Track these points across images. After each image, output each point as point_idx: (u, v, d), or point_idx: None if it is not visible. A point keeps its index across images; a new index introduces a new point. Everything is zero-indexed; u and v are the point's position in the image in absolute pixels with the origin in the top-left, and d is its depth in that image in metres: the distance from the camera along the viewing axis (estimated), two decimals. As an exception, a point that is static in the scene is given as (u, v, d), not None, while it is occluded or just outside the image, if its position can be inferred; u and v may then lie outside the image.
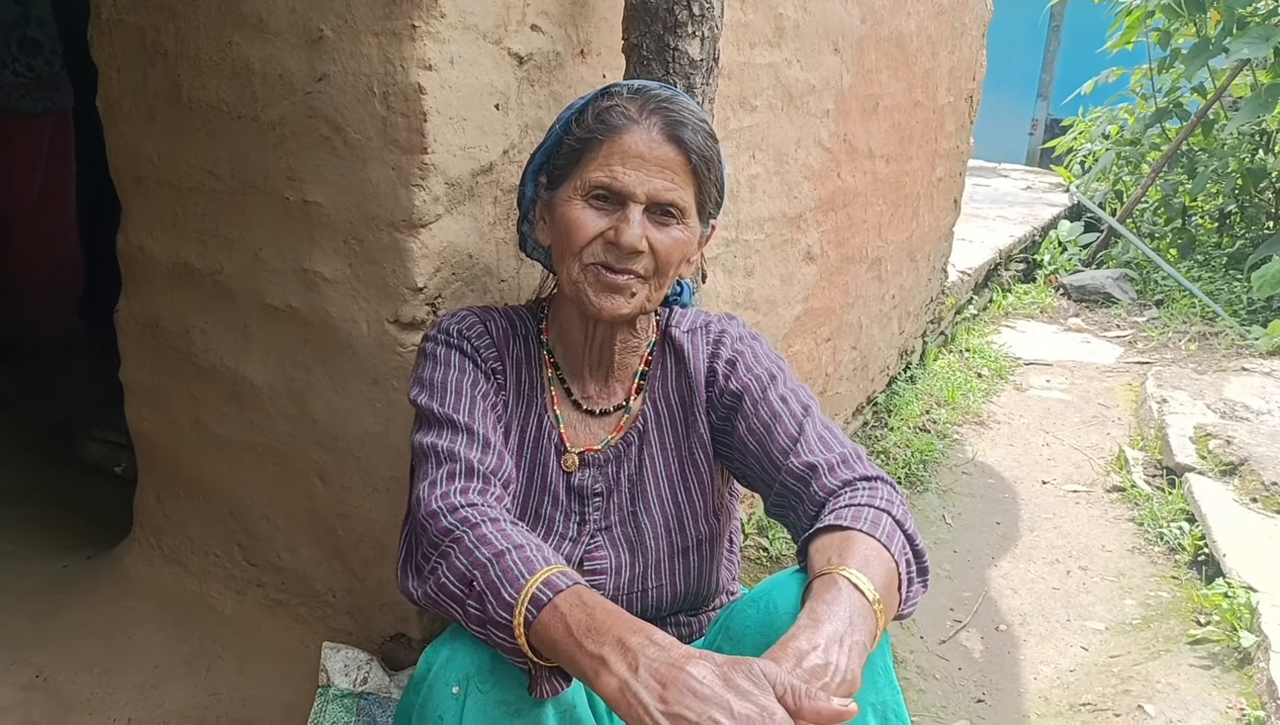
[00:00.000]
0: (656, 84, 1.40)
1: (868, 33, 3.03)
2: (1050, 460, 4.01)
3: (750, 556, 2.88)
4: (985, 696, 2.49)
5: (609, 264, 1.34)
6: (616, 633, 1.03)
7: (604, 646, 1.02)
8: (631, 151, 1.32)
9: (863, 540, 1.19)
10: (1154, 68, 7.20)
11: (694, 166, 1.35)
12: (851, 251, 3.33)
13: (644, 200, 1.32)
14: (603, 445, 1.47)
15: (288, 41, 1.63)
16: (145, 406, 2.14)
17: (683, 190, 1.35)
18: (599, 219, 1.34)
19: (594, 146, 1.34)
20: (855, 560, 1.16)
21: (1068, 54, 10.96)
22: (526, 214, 1.50)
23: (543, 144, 1.44)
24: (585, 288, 1.36)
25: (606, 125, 1.34)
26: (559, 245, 1.38)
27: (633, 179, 1.32)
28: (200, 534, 2.10)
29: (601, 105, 1.36)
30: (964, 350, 5.17)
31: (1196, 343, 5.51)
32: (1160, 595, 2.98)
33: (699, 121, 1.36)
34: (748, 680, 0.98)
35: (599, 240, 1.34)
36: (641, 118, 1.33)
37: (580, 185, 1.34)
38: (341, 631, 1.94)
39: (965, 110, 4.43)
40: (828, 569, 1.15)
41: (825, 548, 1.20)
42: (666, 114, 1.34)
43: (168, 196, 1.90)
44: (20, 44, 3.27)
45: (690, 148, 1.34)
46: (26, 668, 1.98)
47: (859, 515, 1.23)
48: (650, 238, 1.33)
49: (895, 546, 1.21)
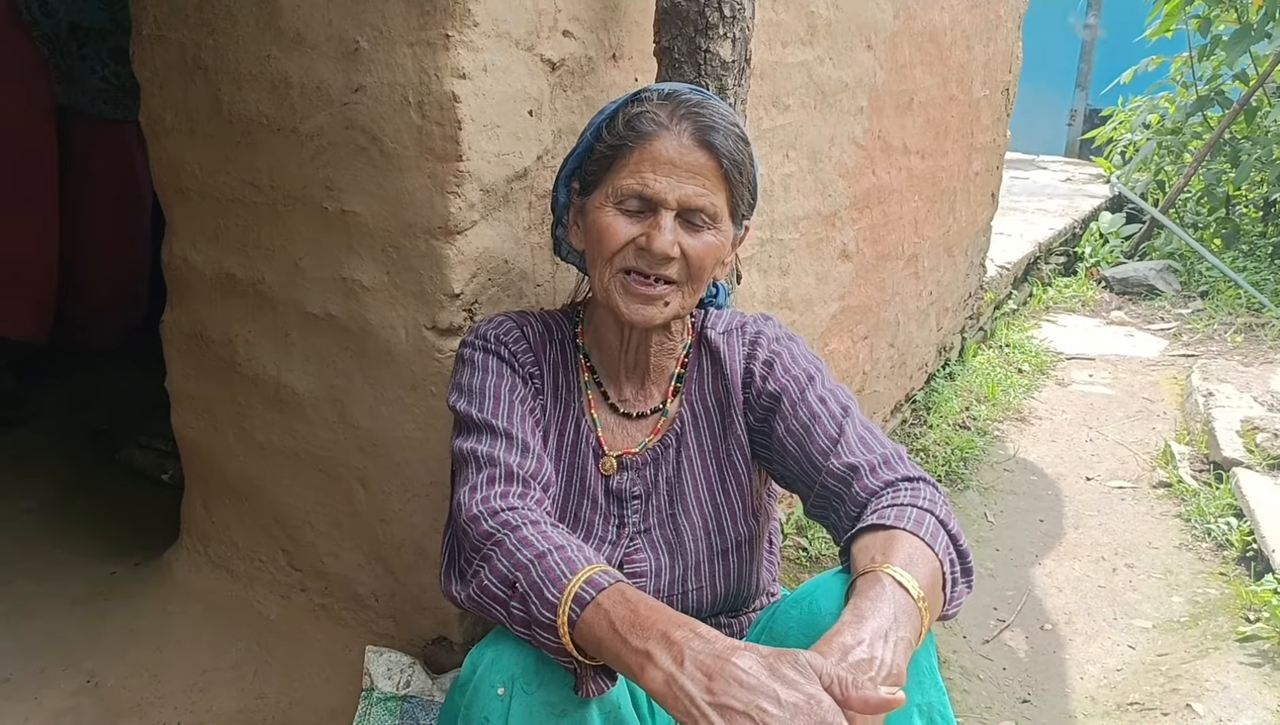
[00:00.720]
0: (687, 88, 1.40)
1: (900, 28, 3.01)
2: (1094, 456, 3.95)
3: (790, 557, 2.87)
4: (1030, 697, 2.47)
5: (641, 270, 1.34)
6: (660, 627, 1.03)
7: (648, 641, 1.03)
8: (662, 158, 1.32)
9: (906, 539, 1.19)
10: (1194, 55, 7.08)
11: (725, 171, 1.34)
12: (888, 248, 3.31)
13: (675, 206, 1.32)
14: (640, 448, 1.48)
15: (324, 54, 1.65)
16: (190, 414, 2.17)
17: (714, 195, 1.34)
18: (631, 225, 1.34)
19: (625, 153, 1.34)
20: (899, 558, 1.15)
21: (1106, 43, 10.81)
22: (560, 218, 1.51)
23: (574, 150, 1.45)
24: (617, 295, 1.36)
25: (637, 132, 1.33)
26: (592, 251, 1.39)
27: (664, 185, 1.32)
28: (245, 540, 2.14)
29: (632, 111, 1.36)
30: (1004, 346, 5.12)
31: (1242, 334, 5.42)
32: (1208, 592, 2.94)
33: (730, 125, 1.36)
34: (794, 670, 0.98)
35: (631, 246, 1.34)
36: (672, 123, 1.33)
37: (612, 192, 1.35)
38: (384, 635, 1.96)
39: (1001, 103, 4.39)
40: (871, 567, 1.15)
41: (868, 547, 1.20)
42: (697, 119, 1.33)
43: (210, 208, 1.93)
44: (111, 52, 3.33)
45: (721, 153, 1.33)
46: (77, 673, 2.02)
47: (902, 514, 1.22)
48: (682, 243, 1.33)
49: (939, 546, 1.20)
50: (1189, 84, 7.29)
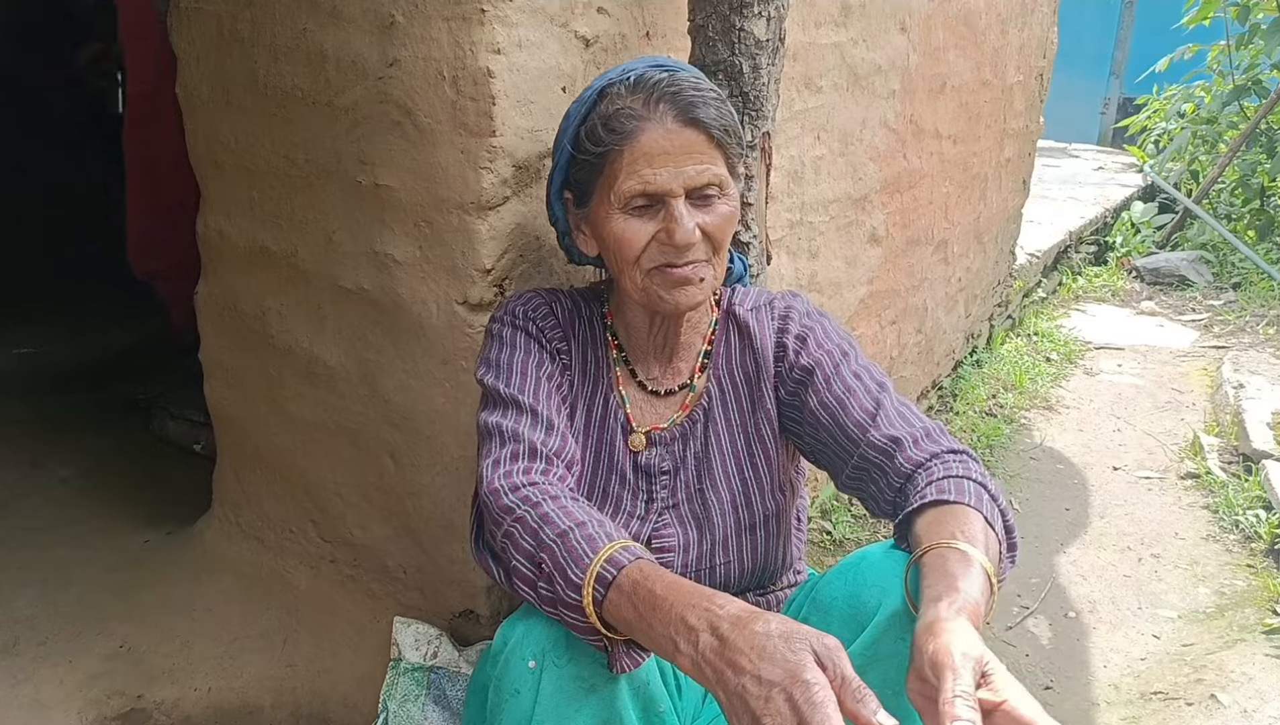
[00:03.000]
0: (645, 64, 1.36)
1: (935, 10, 2.99)
2: (1121, 446, 3.92)
3: (814, 540, 2.88)
4: (1053, 684, 2.46)
5: (671, 262, 1.33)
6: (679, 608, 1.03)
7: (671, 618, 1.03)
8: (655, 150, 1.30)
9: (974, 515, 1.18)
10: (1232, 44, 6.97)
11: (717, 140, 1.32)
12: (917, 233, 3.30)
13: (682, 192, 1.31)
14: (669, 424, 1.48)
15: (360, 28, 1.66)
16: (224, 386, 2.20)
17: (714, 165, 1.32)
18: (646, 224, 1.32)
19: (613, 157, 1.32)
20: (972, 535, 1.14)
21: (1141, 31, 10.66)
22: (565, 231, 1.50)
23: (555, 163, 1.43)
24: (655, 290, 1.35)
25: (619, 132, 1.31)
26: (613, 260, 1.37)
27: (665, 176, 1.30)
28: (276, 510, 2.16)
29: (606, 111, 1.33)
30: (1032, 334, 5.08)
31: (1275, 327, 5.35)
32: (1235, 584, 2.92)
33: (706, 91, 1.33)
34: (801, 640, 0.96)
35: (653, 244, 1.33)
36: (651, 112, 1.30)
37: (615, 198, 1.32)
38: (411, 607, 1.98)
39: (1035, 89, 4.35)
40: (951, 542, 1.13)
41: (941, 520, 1.18)
42: (674, 98, 1.31)
43: (245, 181, 1.95)
44: None
45: (708, 124, 1.31)
46: (111, 638, 2.06)
47: (962, 489, 1.22)
48: (700, 223, 1.32)
49: (996, 523, 1.20)
50: (1225, 73, 7.18)
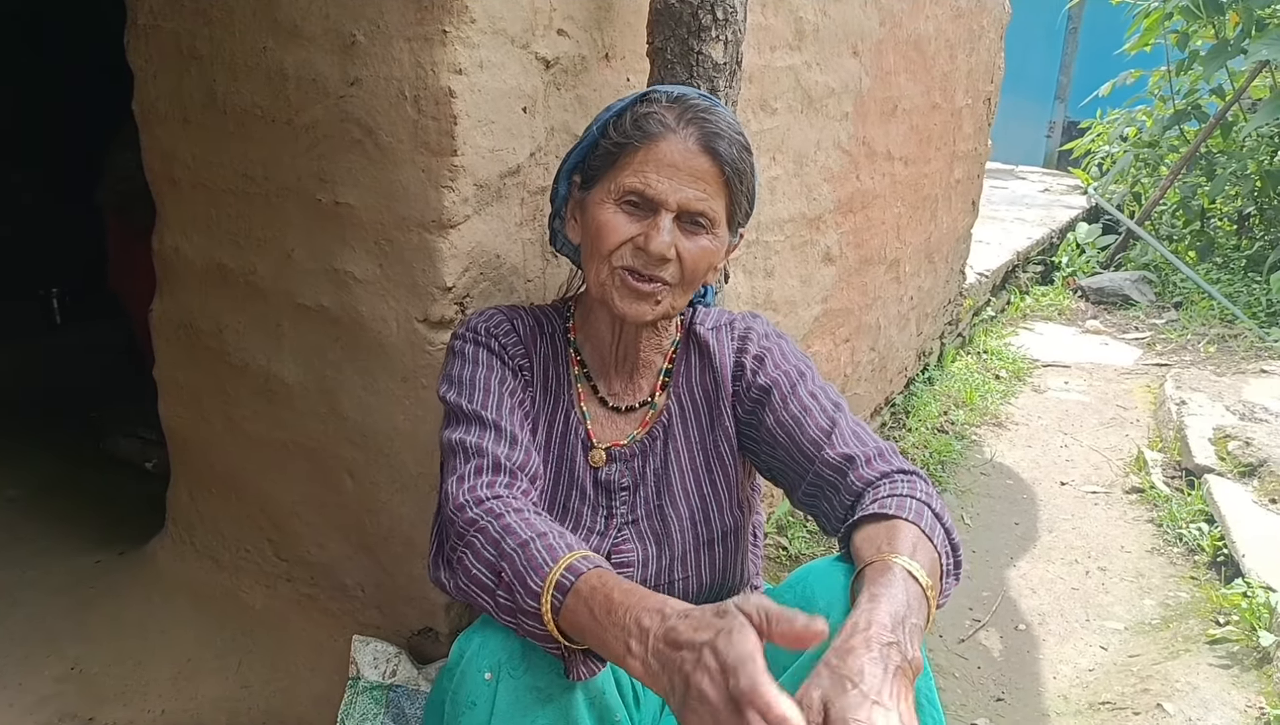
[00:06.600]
0: (696, 93, 1.41)
1: (886, 36, 3.06)
2: (1069, 461, 4.01)
3: (770, 555, 2.90)
4: (1004, 695, 2.51)
5: (636, 269, 1.36)
6: (635, 611, 1.05)
7: (625, 626, 1.04)
8: (666, 160, 1.34)
9: (910, 529, 1.21)
10: (1172, 70, 7.18)
11: (727, 178, 1.36)
12: (870, 253, 3.35)
13: (675, 209, 1.34)
14: (629, 441, 1.50)
15: (321, 47, 1.67)
16: (178, 404, 2.18)
17: (714, 201, 1.36)
18: (630, 224, 1.35)
19: (630, 152, 1.35)
20: (905, 547, 1.18)
21: (1085, 56, 10.94)
22: (559, 211, 1.53)
23: (579, 143, 1.46)
24: (612, 290, 1.38)
25: (643, 131, 1.35)
26: (589, 246, 1.40)
27: (666, 187, 1.33)
28: (232, 530, 2.14)
29: (640, 111, 1.37)
30: (982, 352, 5.18)
31: (1215, 345, 5.50)
32: (1179, 595, 2.99)
33: (735, 134, 1.38)
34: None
35: (628, 245, 1.35)
36: (679, 126, 1.35)
37: (614, 189, 1.36)
38: (370, 626, 1.97)
39: (983, 112, 4.45)
40: (879, 556, 1.16)
41: (874, 536, 1.22)
42: (703, 125, 1.35)
43: (202, 198, 1.94)
44: None
45: (724, 160, 1.35)
46: (62, 660, 2.03)
47: (903, 505, 1.25)
48: (679, 246, 1.35)
49: (937, 538, 1.23)
50: (1166, 98, 7.40)
